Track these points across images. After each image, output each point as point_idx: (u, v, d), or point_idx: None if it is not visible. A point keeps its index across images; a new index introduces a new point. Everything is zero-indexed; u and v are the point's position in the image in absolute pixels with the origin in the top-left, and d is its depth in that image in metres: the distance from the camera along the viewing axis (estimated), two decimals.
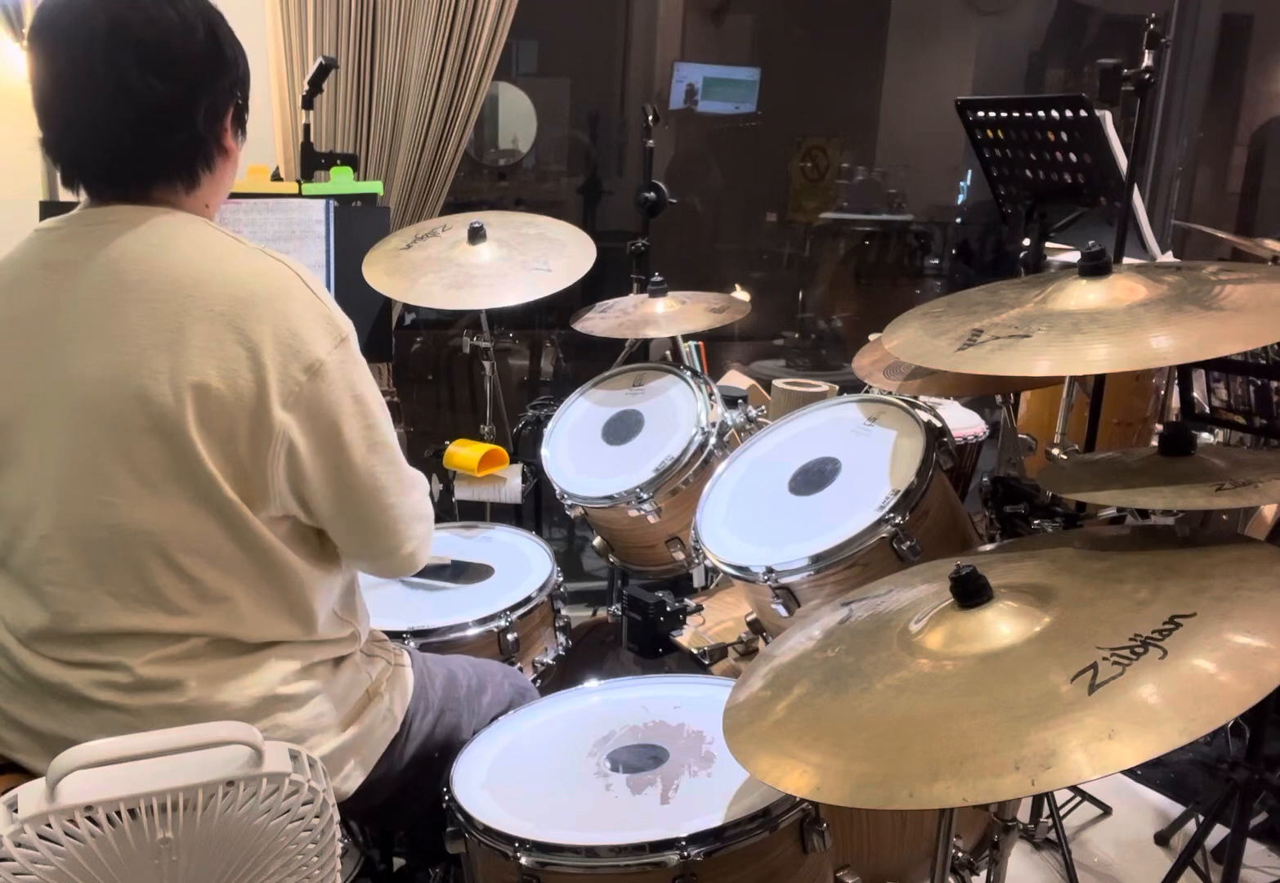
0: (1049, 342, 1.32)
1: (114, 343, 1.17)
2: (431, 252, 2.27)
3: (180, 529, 1.18)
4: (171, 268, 1.18)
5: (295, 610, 1.27)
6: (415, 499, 1.34)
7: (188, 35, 1.19)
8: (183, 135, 1.22)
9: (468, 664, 1.60)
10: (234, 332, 1.16)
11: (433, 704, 1.47)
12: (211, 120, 1.24)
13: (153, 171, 1.23)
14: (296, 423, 1.18)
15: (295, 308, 1.19)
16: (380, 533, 1.30)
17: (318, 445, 1.21)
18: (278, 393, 1.16)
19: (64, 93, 1.19)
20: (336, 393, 1.20)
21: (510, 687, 1.60)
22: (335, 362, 1.20)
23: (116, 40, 1.16)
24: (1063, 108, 1.87)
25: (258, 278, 1.20)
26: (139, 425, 1.15)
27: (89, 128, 1.20)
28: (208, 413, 1.15)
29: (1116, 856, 2.27)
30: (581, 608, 2.76)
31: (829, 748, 1.03)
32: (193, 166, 1.24)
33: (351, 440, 1.23)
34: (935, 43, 4.67)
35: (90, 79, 1.17)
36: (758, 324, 4.09)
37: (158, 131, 1.20)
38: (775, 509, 1.74)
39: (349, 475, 1.24)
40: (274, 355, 1.16)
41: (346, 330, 1.23)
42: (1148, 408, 2.55)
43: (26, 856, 0.99)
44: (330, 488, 1.24)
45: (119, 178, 1.23)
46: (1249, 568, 1.11)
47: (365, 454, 1.24)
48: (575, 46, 4.06)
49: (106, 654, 1.20)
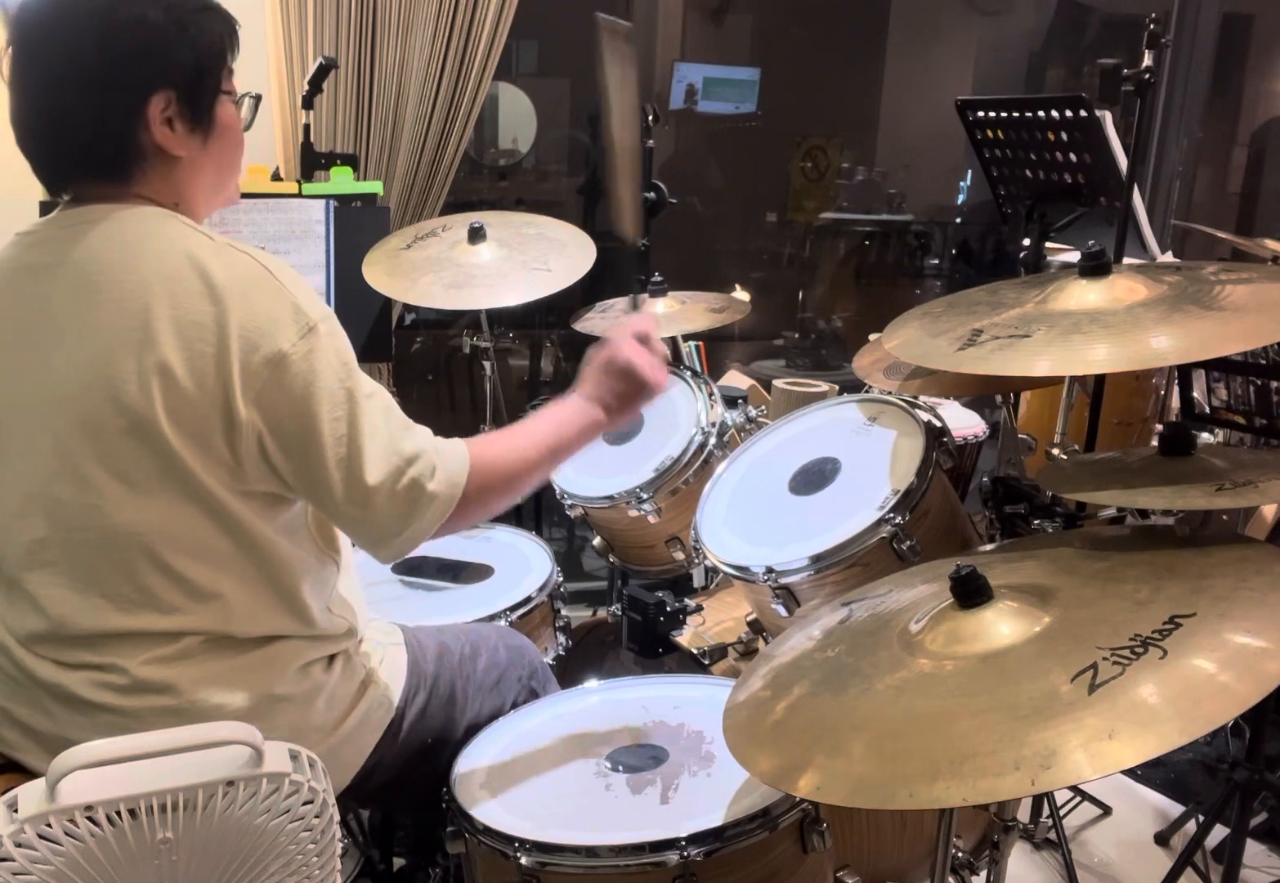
0: (1049, 342, 1.32)
1: (87, 345, 1.16)
2: (431, 251, 2.27)
3: (167, 528, 1.18)
4: (138, 267, 1.17)
5: (289, 605, 1.27)
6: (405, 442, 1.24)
7: (83, 30, 1.19)
8: (88, 133, 1.21)
9: (460, 632, 1.59)
10: (198, 327, 1.15)
11: (426, 678, 1.46)
12: (125, 117, 1.20)
13: (83, 170, 1.23)
14: (261, 416, 1.16)
15: (259, 300, 1.17)
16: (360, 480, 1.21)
17: (287, 437, 1.17)
18: (241, 386, 1.15)
19: (17, 95, 1.22)
20: (301, 384, 1.16)
21: (505, 648, 1.59)
22: (301, 352, 1.16)
23: (34, 40, 1.19)
24: (1063, 108, 1.87)
25: (223, 271, 1.17)
26: (116, 426, 1.15)
27: (29, 124, 1.22)
28: (179, 409, 1.14)
29: (1116, 856, 2.27)
30: (581, 608, 2.76)
31: (829, 748, 1.03)
32: (121, 164, 1.22)
33: (321, 431, 1.17)
34: (935, 43, 4.67)
35: (26, 76, 1.20)
36: (758, 324, 4.09)
37: (64, 131, 1.21)
38: (775, 509, 1.74)
39: (319, 468, 1.19)
40: (237, 350, 1.14)
41: (315, 319, 1.18)
42: (1148, 408, 2.55)
43: (26, 856, 0.99)
44: (305, 478, 1.20)
45: (56, 177, 1.25)
46: (1249, 568, 1.11)
47: (334, 444, 1.18)
48: (575, 46, 4.05)
49: (103, 656, 1.20)
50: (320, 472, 1.18)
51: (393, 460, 1.20)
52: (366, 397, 1.20)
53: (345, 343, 1.22)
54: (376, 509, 1.20)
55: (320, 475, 1.18)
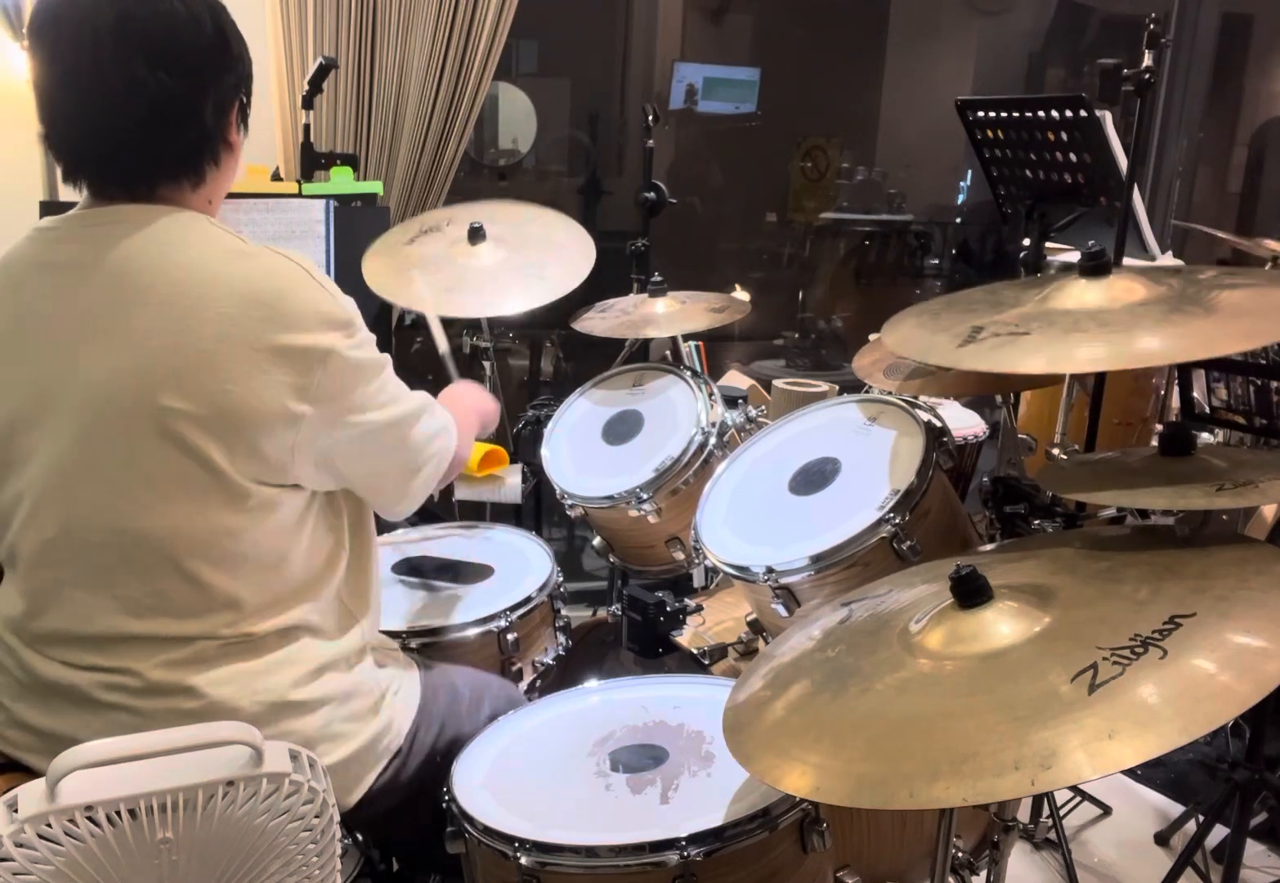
0: (1047, 339, 1.32)
1: (124, 346, 1.16)
2: (431, 248, 2.26)
3: (189, 534, 1.18)
4: (179, 270, 1.18)
5: (306, 611, 1.27)
6: (429, 423, 1.39)
7: (195, 29, 1.19)
8: (191, 132, 1.21)
9: (468, 676, 1.60)
10: (241, 331, 1.15)
11: (435, 717, 1.47)
12: (218, 116, 1.23)
13: (160, 169, 1.22)
14: (316, 411, 1.20)
15: (302, 304, 1.19)
16: (409, 459, 1.37)
17: (340, 423, 1.23)
18: (291, 387, 1.17)
19: (69, 89, 1.18)
20: (349, 377, 1.22)
21: (506, 701, 1.59)
22: (344, 348, 1.21)
23: (124, 35, 1.15)
24: (1063, 108, 1.87)
25: (266, 277, 1.19)
26: (147, 430, 1.15)
27: (95, 124, 1.18)
28: (219, 413, 1.15)
29: (1116, 856, 2.27)
30: (581, 608, 2.76)
31: (829, 748, 1.03)
32: (200, 163, 1.24)
33: (369, 406, 1.26)
34: (935, 43, 4.67)
35: (97, 75, 1.16)
36: (758, 324, 4.09)
37: (166, 128, 1.19)
38: (775, 509, 1.74)
39: (376, 436, 1.29)
40: (284, 352, 1.16)
41: (351, 313, 1.24)
42: (1148, 408, 2.55)
43: (26, 856, 0.99)
44: (357, 449, 1.28)
45: (125, 175, 1.22)
46: (1249, 568, 1.11)
47: (383, 413, 1.28)
48: (575, 46, 4.06)
49: (114, 659, 1.20)
50: (378, 454, 1.30)
51: (434, 442, 1.39)
52: (402, 389, 1.33)
53: (373, 337, 1.29)
54: (423, 478, 1.38)
55: (379, 457, 1.31)
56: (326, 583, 1.31)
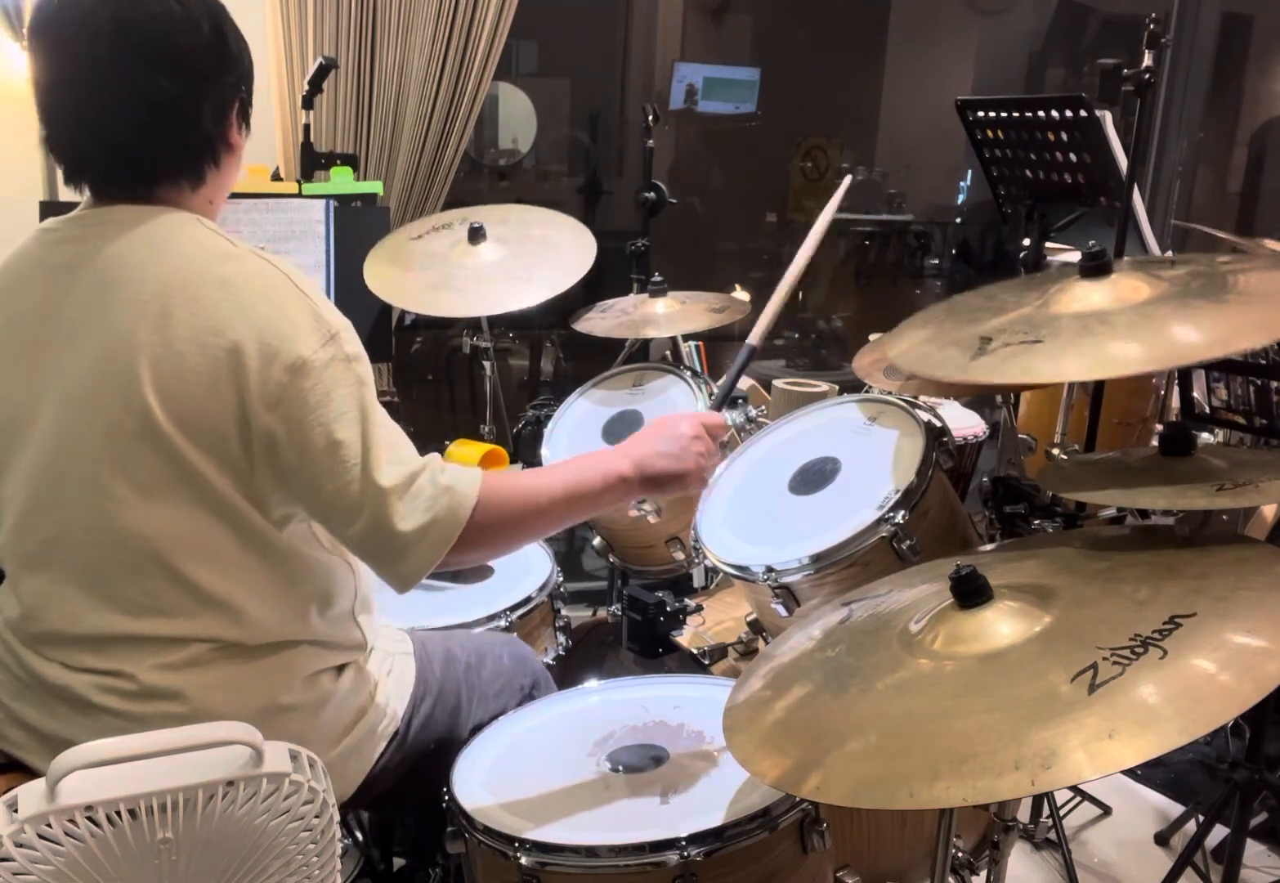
0: (1066, 345, 1.30)
1: (104, 346, 1.16)
2: (432, 246, 2.26)
3: (178, 534, 1.18)
4: (162, 270, 1.17)
5: (300, 613, 1.27)
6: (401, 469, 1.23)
7: (193, 31, 1.19)
8: (190, 133, 1.21)
9: (466, 639, 1.60)
10: (214, 334, 1.14)
11: (432, 687, 1.46)
12: (218, 117, 1.23)
13: (160, 170, 1.22)
14: (278, 422, 1.15)
15: (280, 308, 1.17)
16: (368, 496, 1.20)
17: (302, 445, 1.16)
18: (259, 392, 1.14)
19: (69, 91, 1.18)
20: (320, 391, 1.15)
21: (510, 657, 1.59)
22: (322, 359, 1.16)
23: (122, 37, 1.15)
24: (1063, 108, 1.87)
25: (243, 278, 1.18)
26: (130, 431, 1.15)
27: (95, 126, 1.18)
28: (192, 414, 1.14)
29: (1116, 856, 2.27)
30: (581, 608, 2.76)
31: (829, 748, 1.03)
32: (199, 164, 1.24)
33: (340, 438, 1.16)
34: (935, 43, 4.67)
35: (96, 77, 1.16)
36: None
37: (165, 130, 1.19)
38: (775, 509, 1.74)
39: (332, 474, 1.16)
40: (255, 357, 1.14)
41: (337, 327, 1.18)
42: (1148, 408, 2.55)
43: (26, 856, 0.99)
44: (314, 488, 1.17)
45: (125, 177, 1.22)
46: (1249, 568, 1.11)
47: (350, 452, 1.16)
48: (575, 46, 4.06)
49: (109, 661, 1.19)
50: (334, 478, 1.16)
51: (409, 467, 1.18)
52: (378, 409, 1.20)
53: (363, 352, 1.21)
54: (386, 519, 1.16)
55: (333, 483, 1.16)
56: (331, 585, 1.31)
